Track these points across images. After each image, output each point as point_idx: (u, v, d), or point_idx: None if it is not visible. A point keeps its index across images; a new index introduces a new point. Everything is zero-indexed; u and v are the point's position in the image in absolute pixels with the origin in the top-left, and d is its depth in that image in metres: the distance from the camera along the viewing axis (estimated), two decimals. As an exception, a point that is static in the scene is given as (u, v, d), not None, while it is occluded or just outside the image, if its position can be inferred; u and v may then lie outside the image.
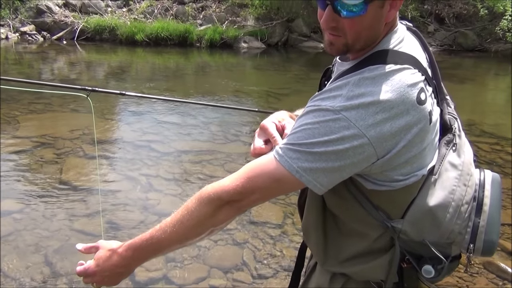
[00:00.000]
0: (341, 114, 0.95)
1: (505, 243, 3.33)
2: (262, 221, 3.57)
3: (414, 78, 0.99)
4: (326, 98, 0.99)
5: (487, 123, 6.53)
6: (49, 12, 13.07)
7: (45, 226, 3.41)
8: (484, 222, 1.09)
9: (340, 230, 1.16)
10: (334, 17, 1.00)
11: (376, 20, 1.01)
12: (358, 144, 0.94)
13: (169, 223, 1.08)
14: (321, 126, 0.96)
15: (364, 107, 0.94)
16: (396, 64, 1.00)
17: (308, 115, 1.00)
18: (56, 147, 4.94)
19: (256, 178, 1.02)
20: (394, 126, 0.95)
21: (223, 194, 1.03)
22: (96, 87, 2.19)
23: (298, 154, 0.97)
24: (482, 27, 13.75)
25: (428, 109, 1.01)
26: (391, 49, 1.04)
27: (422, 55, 1.10)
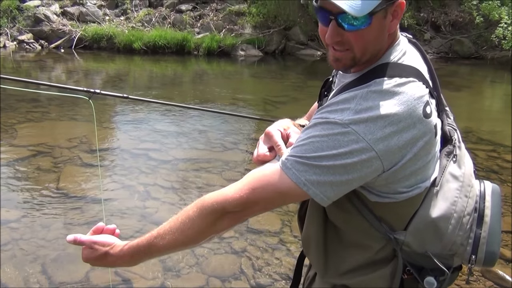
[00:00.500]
0: (350, 127, 0.95)
1: (504, 251, 3.33)
2: (260, 229, 3.56)
3: (420, 92, 1.00)
4: (334, 111, 0.99)
5: (484, 130, 6.55)
6: (47, 21, 13.09)
7: (42, 235, 3.39)
8: (486, 233, 1.10)
9: (341, 242, 1.16)
10: (338, 32, 1.00)
11: (381, 31, 1.02)
12: (367, 158, 0.95)
13: (168, 230, 1.07)
14: (329, 139, 0.96)
15: (372, 121, 0.94)
16: (401, 77, 1.01)
17: (316, 127, 0.99)
18: (54, 156, 4.93)
19: (261, 190, 1.01)
20: (401, 139, 0.96)
21: (226, 204, 1.03)
22: (98, 90, 2.14)
23: (306, 167, 0.97)
24: (478, 34, 13.83)
25: (433, 122, 1.02)
26: (395, 62, 1.05)
27: (424, 67, 1.11)
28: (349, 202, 1.08)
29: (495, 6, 12.26)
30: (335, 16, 0.98)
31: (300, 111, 1.52)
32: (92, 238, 1.18)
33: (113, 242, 1.17)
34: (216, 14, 14.35)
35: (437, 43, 14.14)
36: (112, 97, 2.22)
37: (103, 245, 1.16)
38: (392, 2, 0.99)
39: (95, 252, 1.16)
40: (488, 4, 12.38)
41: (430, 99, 1.03)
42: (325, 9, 0.98)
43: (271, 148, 1.15)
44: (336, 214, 1.13)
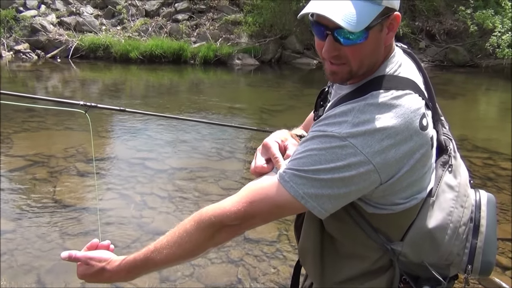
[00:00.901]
0: (347, 141, 0.95)
1: (501, 259, 3.33)
2: (257, 238, 3.55)
3: (416, 104, 1.01)
4: (331, 124, 0.99)
5: (480, 138, 6.58)
6: (44, 31, 13.11)
7: (37, 246, 3.37)
8: (482, 243, 1.10)
9: (338, 253, 1.16)
10: (335, 46, 1.01)
11: (377, 44, 1.02)
12: (364, 171, 0.95)
13: (165, 244, 1.07)
14: (327, 152, 0.96)
15: (370, 134, 0.95)
16: (398, 89, 1.01)
17: (313, 140, 1.00)
18: (50, 166, 4.91)
19: (259, 203, 1.01)
20: (398, 152, 0.96)
21: (224, 218, 1.02)
22: (94, 103, 2.13)
23: (304, 180, 0.97)
24: (473, 43, 13.95)
25: (430, 135, 1.03)
26: (392, 74, 1.05)
27: (419, 78, 1.12)
28: (346, 213, 1.08)
29: (489, 15, 12.38)
30: (332, 31, 0.99)
31: (297, 119, 1.53)
32: (87, 254, 1.18)
33: (109, 258, 1.16)
34: (213, 23, 14.42)
35: (432, 51, 14.25)
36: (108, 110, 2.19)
37: (99, 260, 1.16)
38: (388, 16, 1.00)
39: (91, 268, 1.16)
40: (482, 13, 12.50)
41: (426, 110, 1.04)
42: (321, 23, 0.99)
43: (268, 160, 1.14)
44: (333, 225, 1.13)
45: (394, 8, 1.00)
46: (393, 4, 0.99)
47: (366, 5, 0.95)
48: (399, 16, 1.02)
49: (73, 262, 1.18)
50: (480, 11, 12.65)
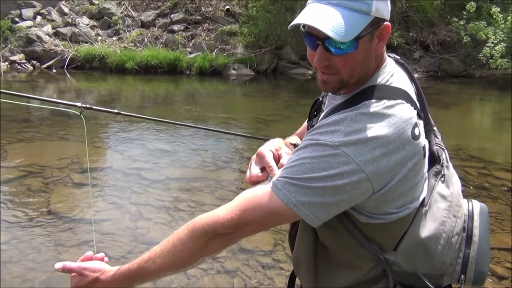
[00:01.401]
0: (340, 149, 0.96)
1: (496, 268, 3.33)
2: (253, 248, 3.54)
3: (408, 114, 1.02)
4: (324, 133, 1.00)
5: (474, 147, 6.61)
6: (39, 41, 13.12)
7: (31, 257, 3.34)
8: (474, 253, 1.11)
9: (331, 262, 1.16)
10: (326, 56, 1.02)
11: (367, 54, 1.03)
12: (357, 180, 0.96)
13: (159, 253, 1.06)
14: (320, 161, 0.97)
15: (362, 143, 0.96)
16: (390, 99, 1.02)
17: (306, 148, 1.00)
18: (44, 176, 4.89)
19: (252, 211, 1.01)
20: (390, 161, 0.97)
21: (217, 226, 1.02)
22: (90, 105, 2.12)
23: (296, 188, 0.97)
24: (466, 53, 14.08)
25: (422, 144, 1.03)
26: (384, 84, 1.07)
27: (411, 88, 1.13)
28: (339, 223, 1.08)
29: (482, 26, 12.52)
30: (322, 41, 1.00)
31: (292, 129, 1.54)
32: (81, 264, 1.18)
33: (103, 268, 1.16)
34: (208, 34, 14.50)
35: (426, 62, 14.37)
36: (104, 112, 2.20)
37: (93, 271, 1.15)
38: (378, 26, 1.01)
39: (85, 279, 1.15)
40: (475, 24, 12.64)
41: (418, 120, 1.05)
42: (312, 34, 1.00)
43: (263, 168, 1.15)
44: (326, 234, 1.13)
45: (384, 18, 1.01)
46: (383, 14, 1.01)
47: (355, 16, 0.97)
48: (389, 26, 1.03)
49: (67, 273, 1.17)
50: (473, 22, 12.80)
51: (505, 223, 4.03)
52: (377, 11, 0.98)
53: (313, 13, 0.98)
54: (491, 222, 4.02)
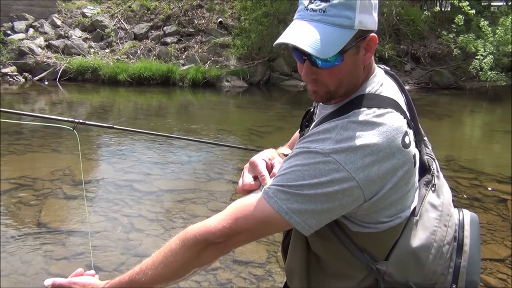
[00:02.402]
0: (330, 157, 0.96)
1: (489, 279, 3.34)
2: (246, 260, 3.52)
3: (398, 122, 1.03)
4: (315, 141, 1.01)
5: (466, 158, 6.66)
6: (31, 54, 13.09)
7: (22, 271, 3.29)
8: (465, 263, 1.11)
9: (324, 272, 1.16)
10: (313, 70, 1.04)
11: (354, 66, 1.05)
12: (348, 187, 0.96)
13: (151, 265, 1.05)
14: (310, 168, 0.97)
15: (353, 151, 0.96)
16: (380, 108, 1.03)
17: (297, 156, 1.01)
18: (36, 188, 4.85)
19: (244, 219, 1.01)
20: (381, 169, 0.97)
21: (209, 236, 1.02)
22: (83, 120, 2.12)
23: (287, 196, 0.98)
24: (456, 66, 14.24)
25: (412, 152, 1.04)
26: (373, 93, 1.08)
27: (401, 98, 1.14)
28: (331, 232, 1.08)
29: (471, 39, 12.69)
30: (308, 56, 1.02)
31: (285, 140, 1.54)
32: (71, 279, 1.17)
33: (93, 283, 1.15)
34: (201, 46, 14.55)
35: (418, 74, 14.52)
36: (97, 127, 2.19)
37: (83, 285, 1.15)
38: (364, 37, 1.02)
39: None
40: (464, 37, 12.81)
41: (408, 129, 1.05)
42: (299, 49, 1.02)
43: (255, 177, 1.14)
44: (318, 244, 1.13)
45: (370, 29, 1.02)
46: (368, 26, 1.02)
47: (338, 31, 0.98)
48: (375, 37, 1.04)
49: None
50: (462, 35, 12.98)
51: (497, 234, 4.05)
52: (361, 24, 0.99)
53: (295, 31, 1.00)
54: (483, 233, 4.04)
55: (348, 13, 0.98)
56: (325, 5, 0.98)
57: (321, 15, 0.98)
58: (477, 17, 13.41)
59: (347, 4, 0.97)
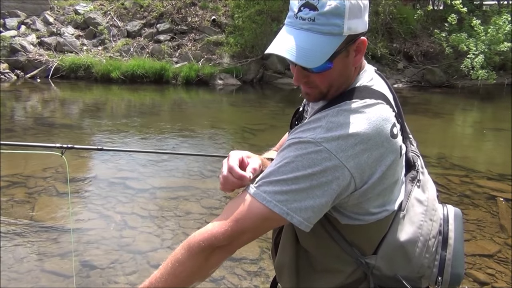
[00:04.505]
0: (322, 145, 0.98)
1: (478, 274, 3.38)
2: (239, 256, 3.54)
3: (387, 113, 1.06)
4: (306, 130, 1.02)
5: (457, 156, 6.72)
6: (23, 51, 13.01)
7: (15, 268, 3.29)
8: (450, 255, 1.15)
9: (313, 267, 1.18)
10: (304, 74, 1.07)
11: (345, 68, 1.07)
12: (340, 175, 0.98)
13: (159, 277, 1.04)
14: (303, 158, 0.98)
15: (343, 138, 0.98)
16: (371, 99, 1.06)
17: (290, 148, 1.02)
18: (28, 186, 4.83)
19: (244, 220, 1.01)
20: (370, 157, 1.00)
21: (213, 241, 1.02)
22: (71, 145, 2.03)
23: (285, 196, 0.98)
24: (448, 64, 14.34)
25: (399, 143, 1.07)
26: (365, 85, 1.10)
27: (390, 94, 1.17)
28: (320, 227, 1.10)
29: (463, 38, 12.78)
30: None
31: (278, 138, 1.56)
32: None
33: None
34: (194, 44, 14.53)
35: (410, 72, 14.60)
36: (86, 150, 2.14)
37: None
38: (354, 41, 1.04)
39: None
40: (456, 36, 12.90)
41: (396, 121, 1.09)
42: None
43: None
44: (308, 239, 1.15)
45: (359, 33, 1.04)
46: (357, 31, 1.03)
47: (326, 39, 1.00)
48: (365, 40, 1.06)
49: None
50: (455, 34, 13.06)
51: (486, 230, 4.10)
52: (350, 30, 1.01)
53: (284, 41, 1.02)
54: (473, 229, 4.09)
55: (337, 21, 0.99)
56: (313, 13, 0.99)
57: (310, 24, 1.00)
58: (469, 16, 13.50)
59: (335, 12, 0.98)
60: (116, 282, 3.14)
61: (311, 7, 0.99)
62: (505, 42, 12.22)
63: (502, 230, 4.13)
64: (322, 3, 0.98)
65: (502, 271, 3.44)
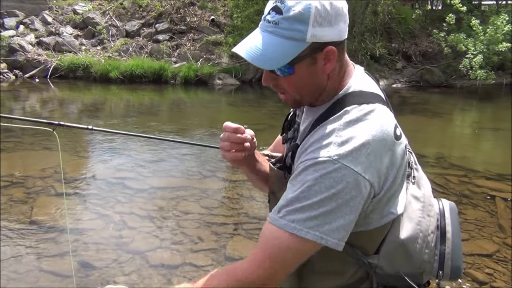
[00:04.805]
0: (340, 162, 0.96)
1: (477, 274, 3.39)
2: (238, 256, 3.54)
3: (388, 116, 1.06)
4: (318, 149, 1.00)
5: (455, 156, 6.73)
6: (22, 51, 13.00)
7: (13, 268, 3.29)
8: (449, 249, 1.16)
9: (314, 270, 1.17)
10: (271, 76, 1.08)
11: (312, 75, 1.06)
12: (362, 187, 0.97)
13: None
14: (324, 179, 0.96)
15: (357, 151, 0.97)
16: (369, 103, 1.06)
17: (307, 171, 0.99)
18: (27, 186, 4.83)
19: (277, 256, 1.00)
20: (383, 163, 1.00)
21: (253, 285, 1.02)
22: (62, 122, 2.11)
23: (315, 221, 0.96)
24: (447, 64, 14.36)
25: (404, 143, 1.08)
26: (359, 90, 1.10)
27: (381, 93, 1.17)
28: None
29: (462, 38, 12.80)
30: None
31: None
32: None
33: None
34: (193, 44, 14.53)
35: (409, 72, 14.62)
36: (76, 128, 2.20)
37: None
38: (321, 49, 1.03)
39: None
40: (455, 36, 12.92)
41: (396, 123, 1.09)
42: None
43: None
44: None
45: (328, 41, 1.02)
46: (324, 39, 1.01)
47: (287, 43, 1.00)
48: (333, 50, 1.03)
49: None
50: (453, 34, 13.08)
51: (485, 230, 4.11)
52: (314, 37, 1.00)
53: (248, 41, 1.05)
54: (472, 229, 4.10)
55: (300, 27, 0.99)
56: (278, 17, 1.00)
57: (273, 27, 1.01)
58: (468, 16, 13.52)
59: (299, 17, 0.98)
60: (115, 282, 3.13)
61: (277, 10, 1.00)
62: (504, 42, 12.24)
63: (500, 229, 4.14)
64: (287, 8, 0.99)
65: (501, 270, 3.45)
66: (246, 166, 1.35)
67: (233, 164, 1.33)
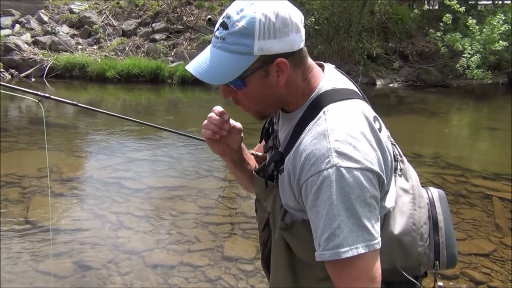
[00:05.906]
0: (346, 167, 0.94)
1: (474, 273, 3.39)
2: (235, 256, 3.53)
3: (367, 108, 1.07)
4: (317, 160, 0.97)
5: (452, 155, 6.74)
6: (18, 50, 12.94)
7: (8, 269, 3.27)
8: (443, 238, 1.17)
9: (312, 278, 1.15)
10: (228, 90, 1.09)
11: (267, 88, 1.05)
12: (373, 179, 0.97)
13: None
14: (340, 188, 0.94)
15: (356, 147, 0.96)
16: (346, 99, 1.06)
17: (320, 190, 0.96)
18: (22, 186, 4.80)
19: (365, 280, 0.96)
20: (378, 153, 1.00)
21: None
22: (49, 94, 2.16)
23: (354, 235, 0.93)
24: (444, 64, 14.38)
25: (386, 134, 1.09)
26: (333, 88, 1.09)
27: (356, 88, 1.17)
28: None
29: (458, 38, 12.82)
30: None
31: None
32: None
33: None
34: (190, 43, 14.50)
35: (406, 71, 14.64)
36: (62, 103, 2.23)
37: None
38: (272, 61, 1.01)
39: None
40: (451, 35, 12.94)
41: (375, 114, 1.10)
42: None
43: None
44: (303, 250, 1.11)
45: (278, 53, 1.01)
46: (273, 51, 1.00)
47: (234, 58, 1.00)
48: (284, 61, 1.01)
49: None
50: (450, 34, 13.10)
51: (482, 229, 4.11)
52: (262, 50, 0.99)
53: (199, 58, 1.07)
54: (469, 229, 4.10)
55: (246, 41, 0.98)
56: (225, 33, 1.00)
57: (221, 42, 1.01)
58: (465, 15, 13.54)
59: (243, 32, 0.98)
60: (112, 283, 3.12)
61: (224, 26, 1.01)
62: (500, 41, 12.25)
63: (497, 229, 4.14)
64: (232, 23, 0.99)
65: (498, 270, 3.45)
66: (230, 160, 1.35)
67: (212, 149, 1.34)
